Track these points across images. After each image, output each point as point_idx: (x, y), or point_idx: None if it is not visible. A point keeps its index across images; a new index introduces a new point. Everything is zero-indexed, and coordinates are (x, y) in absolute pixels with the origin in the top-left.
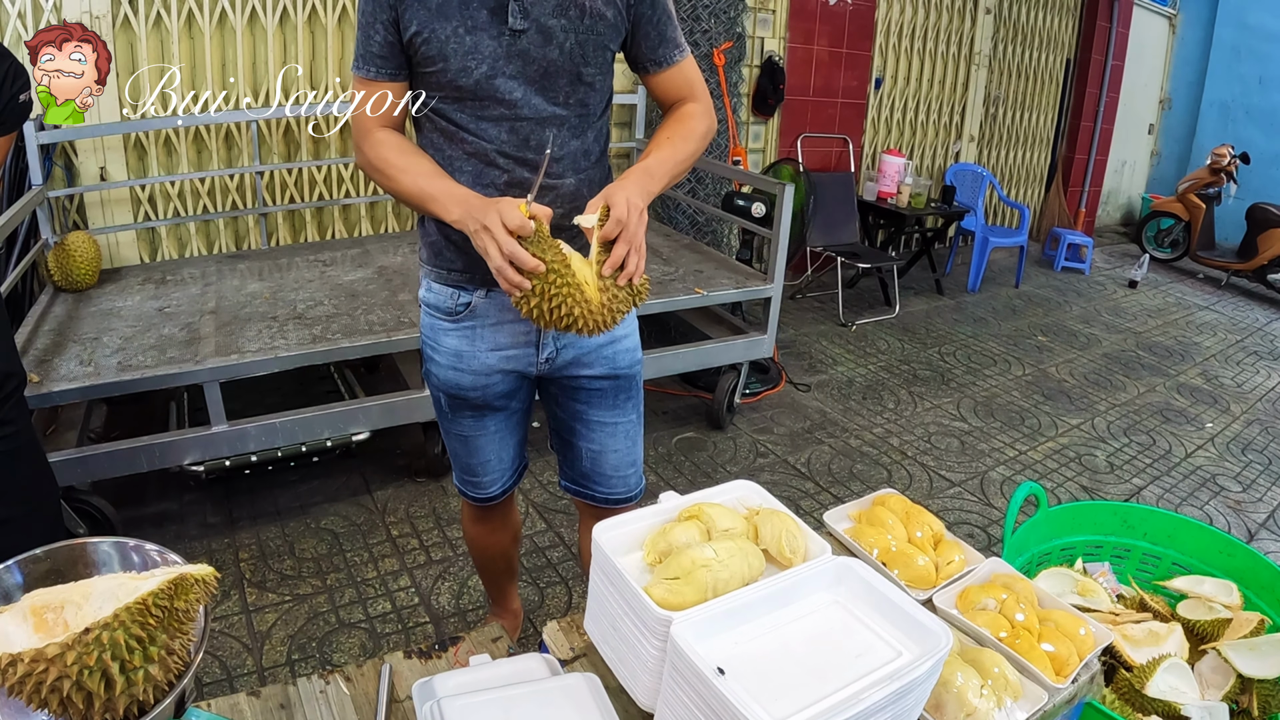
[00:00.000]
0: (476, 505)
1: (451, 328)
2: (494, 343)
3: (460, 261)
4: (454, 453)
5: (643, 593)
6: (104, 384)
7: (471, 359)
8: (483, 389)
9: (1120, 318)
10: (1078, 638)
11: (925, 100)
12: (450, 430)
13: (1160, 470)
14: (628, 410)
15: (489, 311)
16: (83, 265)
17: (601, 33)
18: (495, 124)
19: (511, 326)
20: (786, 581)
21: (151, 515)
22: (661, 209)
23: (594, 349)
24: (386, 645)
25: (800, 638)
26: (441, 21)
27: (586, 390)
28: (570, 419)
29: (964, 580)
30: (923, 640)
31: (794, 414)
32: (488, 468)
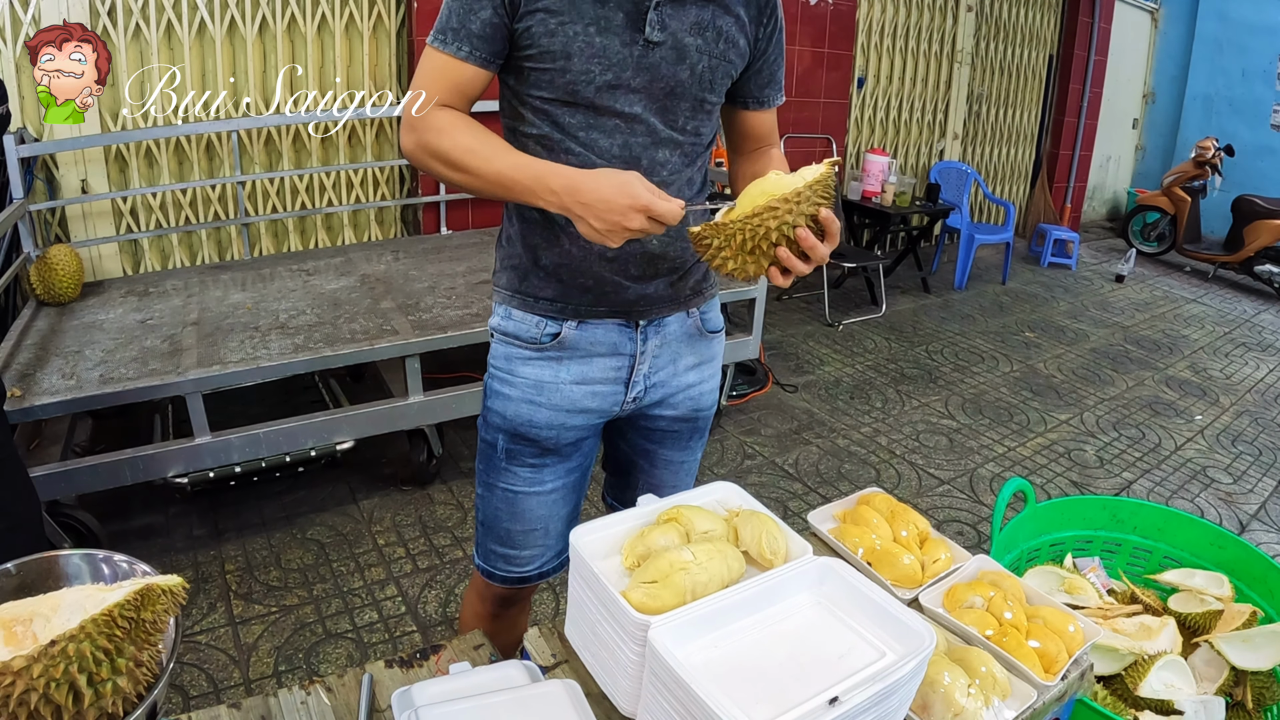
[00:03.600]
0: (502, 588)
1: (534, 356)
2: (581, 375)
3: (551, 289)
4: (491, 517)
5: (620, 597)
6: (86, 397)
7: (554, 391)
8: (558, 428)
9: (1108, 312)
10: (1066, 634)
11: (908, 99)
12: (495, 484)
13: (1150, 464)
14: (696, 449)
15: (579, 344)
16: (65, 278)
17: (732, 60)
18: (609, 137)
19: (603, 361)
20: (767, 583)
21: (137, 528)
22: None
23: (682, 389)
24: (373, 655)
25: (782, 640)
26: (573, 15)
27: (662, 431)
28: (635, 455)
29: (951, 578)
30: (907, 640)
31: (781, 415)
32: (532, 538)
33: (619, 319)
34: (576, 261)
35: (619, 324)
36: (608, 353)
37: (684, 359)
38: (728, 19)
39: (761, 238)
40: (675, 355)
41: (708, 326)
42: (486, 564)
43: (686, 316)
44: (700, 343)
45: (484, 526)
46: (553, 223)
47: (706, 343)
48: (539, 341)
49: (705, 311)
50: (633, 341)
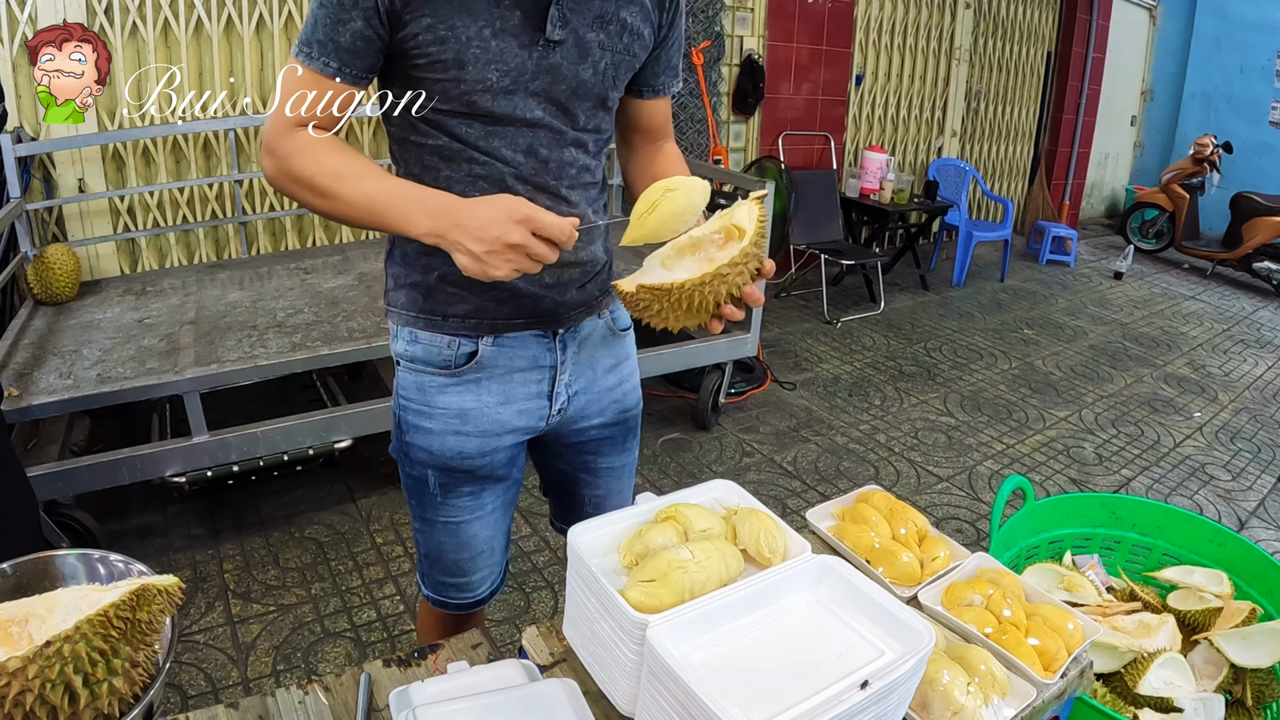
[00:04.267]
0: (456, 617)
1: (450, 383)
2: (504, 395)
3: (462, 304)
4: (436, 551)
5: (618, 596)
6: (83, 396)
7: (480, 417)
8: (491, 454)
9: (1106, 309)
10: (1066, 632)
11: (906, 96)
12: (434, 520)
13: (1149, 461)
14: (632, 449)
15: (498, 361)
16: (62, 278)
17: (635, 54)
18: (511, 144)
19: (524, 376)
20: (765, 582)
21: (135, 528)
22: None
23: (604, 392)
24: (372, 654)
25: (780, 639)
26: (465, 18)
27: (596, 440)
28: (575, 470)
29: (949, 576)
30: (905, 638)
31: (780, 413)
32: (479, 561)
33: (536, 330)
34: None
35: (536, 335)
36: (528, 367)
37: (601, 363)
38: (631, 8)
39: (709, 302)
40: (592, 360)
41: (619, 325)
42: (438, 595)
43: (598, 319)
44: (614, 343)
45: (429, 560)
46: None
47: (619, 342)
48: (453, 365)
49: (614, 311)
50: (552, 352)
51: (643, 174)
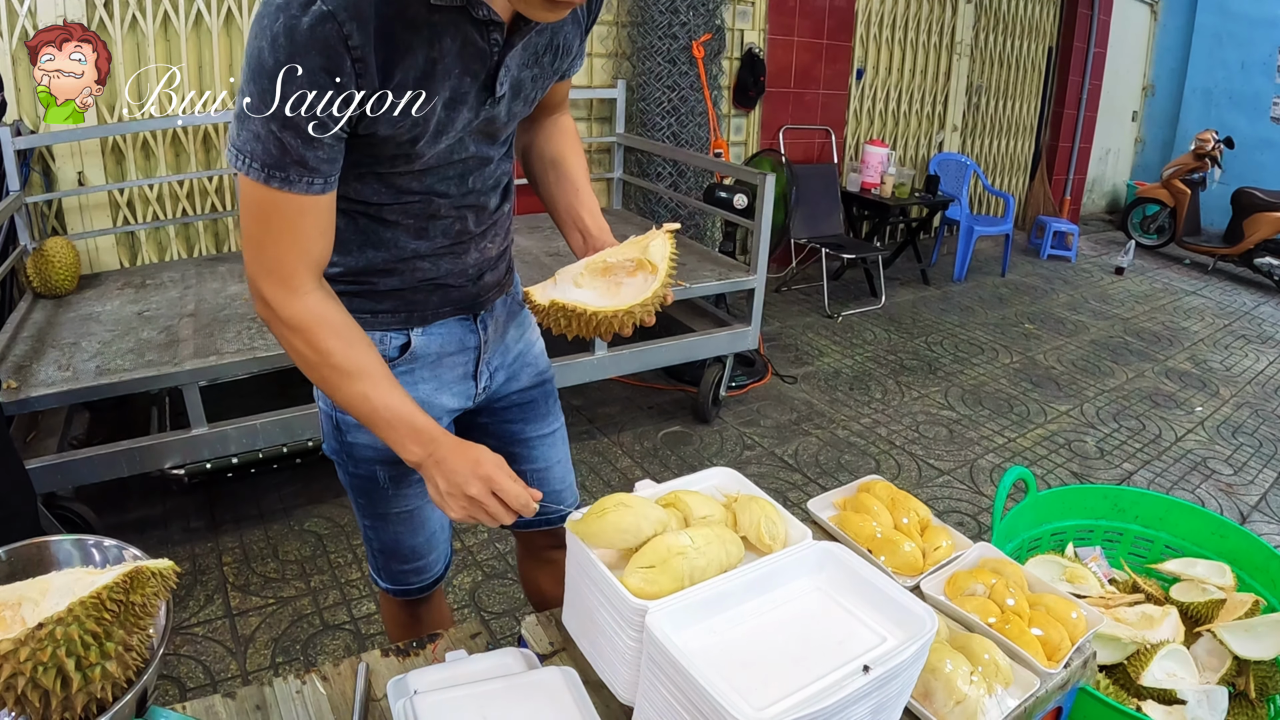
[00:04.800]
0: (413, 600)
1: None
2: (437, 380)
3: (389, 301)
4: (391, 542)
5: (617, 582)
6: (82, 389)
7: (420, 406)
8: None
9: (1107, 304)
10: (1069, 622)
11: (907, 90)
12: (388, 513)
13: (1150, 455)
14: (557, 414)
15: (429, 349)
16: (61, 271)
17: (564, 68)
18: (445, 180)
19: (452, 359)
20: (766, 568)
21: (134, 520)
22: (643, 202)
23: (516, 359)
24: (370, 646)
25: (781, 625)
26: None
27: (518, 406)
28: (507, 444)
29: (952, 566)
30: (907, 625)
31: (780, 406)
32: (434, 541)
33: (460, 315)
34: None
35: (460, 320)
36: (455, 350)
37: (509, 335)
38: (564, 27)
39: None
40: (502, 334)
41: (517, 300)
42: (395, 584)
43: (506, 297)
44: (517, 315)
45: (384, 554)
46: (393, 227)
47: (521, 314)
48: (388, 358)
49: (514, 289)
50: (475, 334)
51: (538, 151)
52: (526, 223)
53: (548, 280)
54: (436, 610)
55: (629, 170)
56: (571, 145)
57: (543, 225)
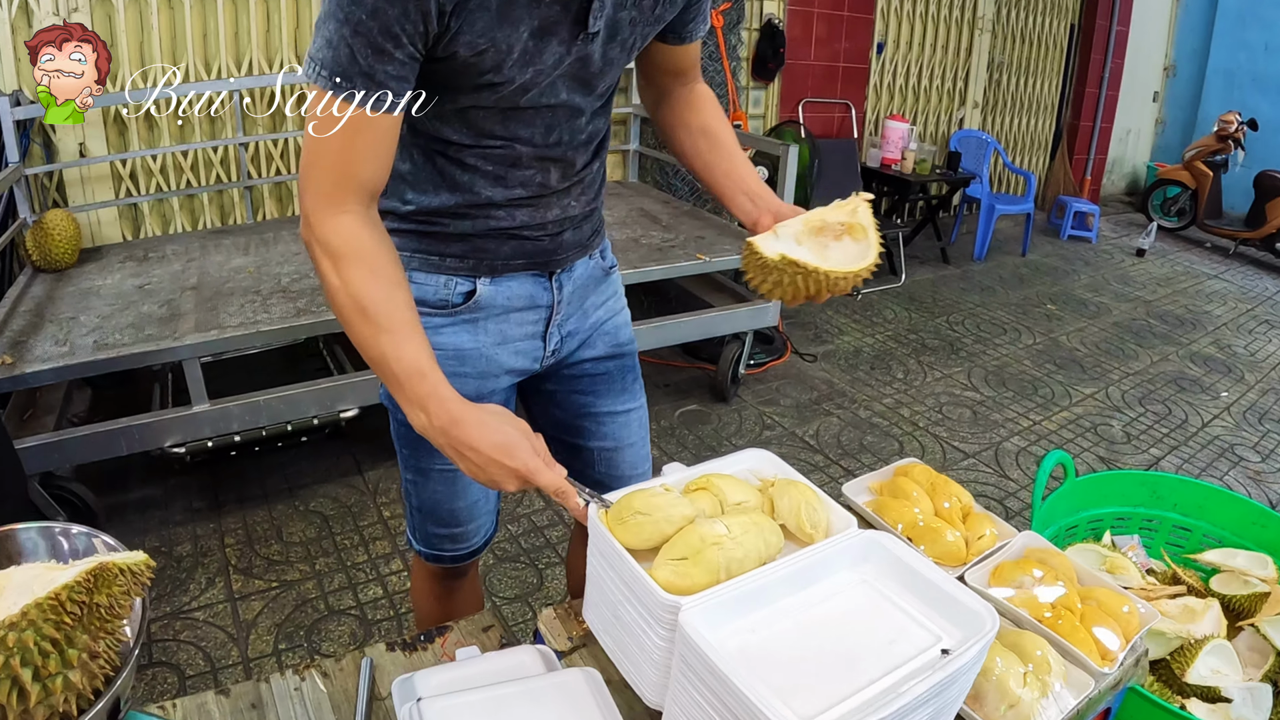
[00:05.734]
0: (449, 568)
1: (447, 323)
2: (500, 335)
3: (460, 245)
4: (430, 502)
5: (645, 575)
6: (79, 364)
7: (478, 358)
8: (488, 396)
9: (1129, 286)
10: (1122, 616)
11: (928, 66)
12: (430, 469)
13: (1178, 440)
14: (636, 394)
15: (495, 301)
16: (61, 244)
17: (665, 18)
18: (530, 126)
19: (520, 316)
20: (808, 559)
21: (135, 501)
22: (660, 175)
23: (594, 327)
24: (378, 633)
25: (825, 623)
26: (506, 28)
27: (590, 376)
28: (575, 417)
29: (997, 556)
30: (964, 622)
31: (800, 385)
32: (475, 510)
33: (534, 271)
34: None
35: (534, 276)
36: (525, 306)
37: (590, 300)
38: None
39: (824, 290)
40: (583, 299)
41: (606, 264)
42: (430, 548)
43: (589, 260)
44: (603, 282)
45: (421, 513)
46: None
47: (608, 280)
48: (450, 304)
49: (603, 250)
50: (548, 292)
51: (684, 121)
52: None
53: (767, 233)
54: (469, 589)
55: (645, 142)
56: (716, 113)
57: None
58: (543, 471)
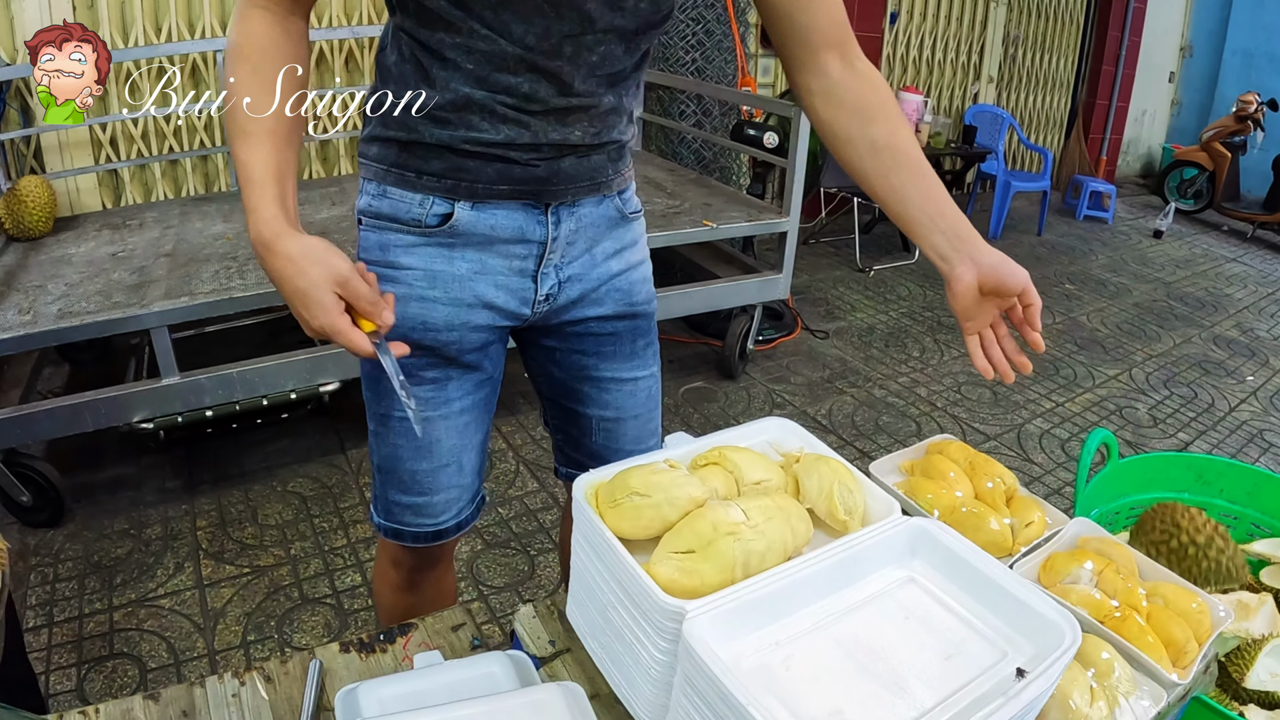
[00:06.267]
0: (414, 549)
1: (419, 242)
2: (479, 265)
3: (439, 162)
4: (391, 457)
5: (642, 572)
6: (39, 333)
7: (450, 282)
8: (459, 329)
9: (1148, 267)
10: (1192, 616)
11: (942, 38)
12: (389, 413)
13: (1205, 424)
14: (648, 360)
15: (475, 228)
16: (35, 212)
17: None
18: (524, 22)
19: (505, 249)
20: (844, 553)
21: (106, 480)
22: (665, 143)
23: (604, 278)
24: (354, 624)
25: (866, 633)
26: None
27: (596, 336)
28: (574, 380)
29: (1048, 546)
30: (1036, 633)
31: (812, 362)
32: (444, 476)
33: (525, 200)
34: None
35: (525, 206)
36: (512, 238)
37: (600, 245)
38: None
39: None
40: (591, 243)
41: (627, 209)
42: (391, 521)
43: (603, 199)
44: (620, 228)
45: (382, 473)
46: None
47: (626, 227)
48: (423, 224)
49: (624, 193)
50: (542, 226)
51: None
52: None
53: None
54: (438, 582)
55: (650, 109)
56: (894, 113)
57: None
58: (345, 334)
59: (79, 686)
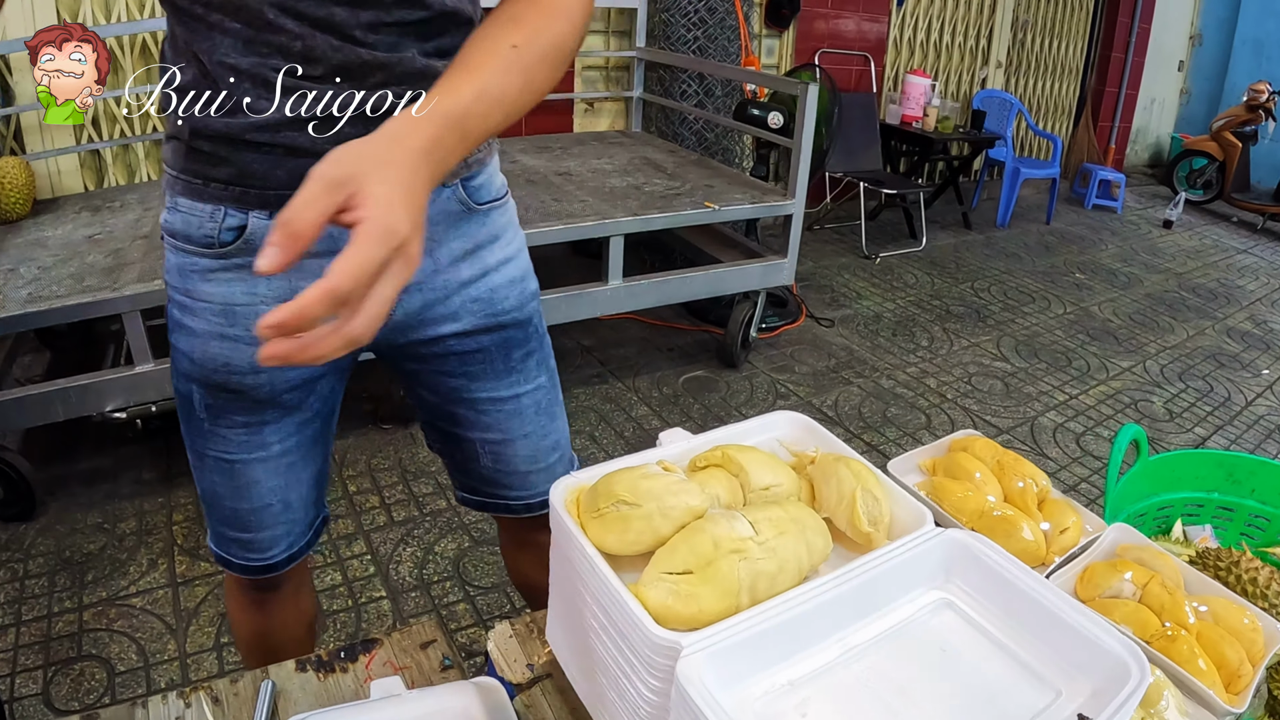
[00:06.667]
0: (249, 580)
1: (215, 267)
2: (288, 290)
3: (225, 168)
4: (210, 493)
5: (630, 597)
6: (6, 318)
7: (251, 319)
8: (269, 372)
9: (1158, 258)
10: (1244, 634)
11: (950, 22)
12: (205, 452)
13: (1222, 419)
14: (531, 372)
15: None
16: (13, 193)
17: None
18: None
19: (318, 263)
20: (869, 573)
21: (81, 472)
22: (665, 123)
23: (455, 288)
24: (334, 626)
25: (896, 671)
26: None
27: (458, 355)
28: (447, 403)
29: (1085, 556)
30: (1096, 668)
31: (817, 351)
32: (265, 517)
33: None
34: (252, 106)
35: None
36: (322, 251)
37: (445, 247)
38: None
39: None
40: (430, 245)
41: (476, 199)
42: (220, 549)
43: (441, 191)
44: (468, 223)
45: (206, 505)
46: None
47: (478, 221)
48: (217, 242)
49: (471, 180)
50: None
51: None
52: (534, 143)
53: None
54: (289, 601)
55: (650, 88)
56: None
57: (551, 145)
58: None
59: (45, 690)
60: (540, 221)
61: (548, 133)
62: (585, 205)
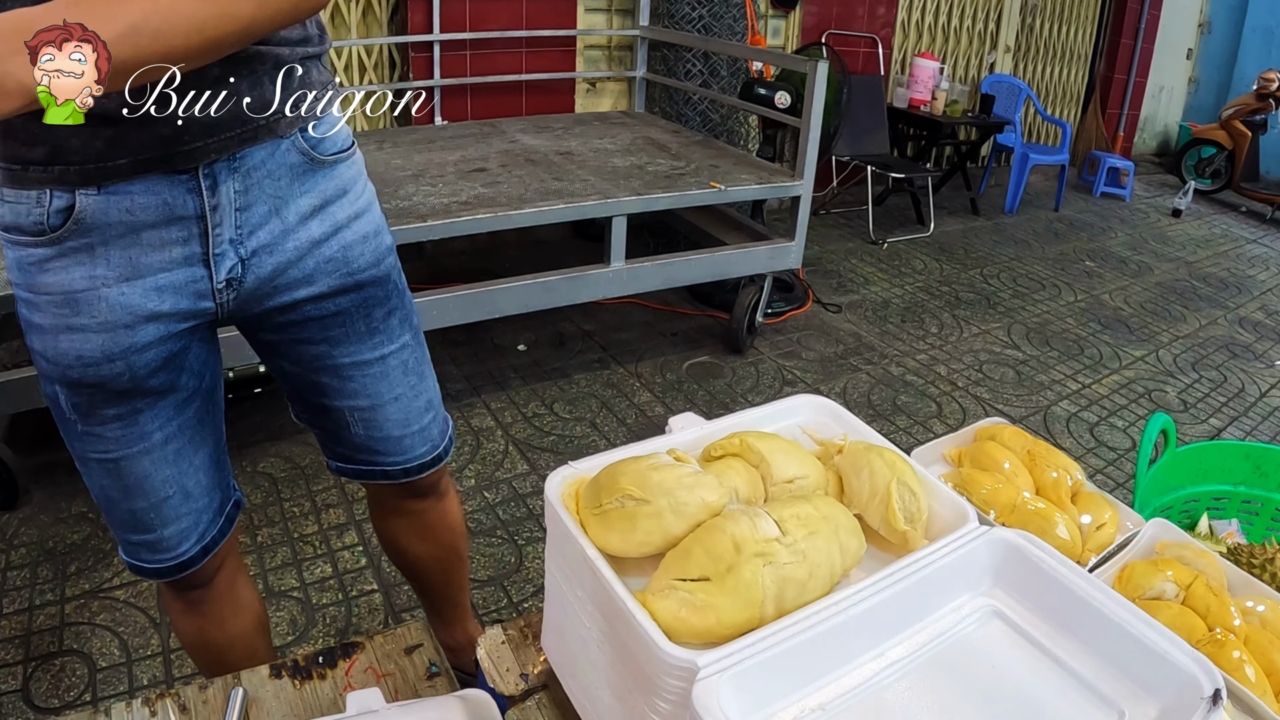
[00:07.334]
0: (172, 585)
1: (50, 255)
2: (129, 267)
3: (40, 148)
4: (103, 498)
5: (638, 607)
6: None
7: (95, 303)
8: (124, 356)
9: (1168, 246)
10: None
11: (959, 5)
12: (87, 455)
13: (1237, 410)
14: (394, 331)
15: (109, 218)
16: None
17: None
18: None
19: (155, 234)
20: (909, 578)
21: (67, 460)
22: (669, 104)
23: (305, 247)
24: (322, 621)
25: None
26: None
27: (318, 320)
28: (310, 372)
29: (1124, 555)
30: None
31: (824, 337)
32: (166, 511)
33: (161, 170)
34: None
35: (166, 176)
36: (160, 220)
37: (293, 204)
38: None
39: None
40: (276, 202)
41: (321, 150)
42: (132, 558)
43: (279, 142)
44: (314, 177)
45: (104, 511)
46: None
47: (325, 174)
48: (47, 227)
49: (312, 127)
50: (194, 195)
51: None
52: (535, 123)
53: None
54: (225, 596)
55: (653, 68)
56: None
57: (553, 125)
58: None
59: (24, 687)
60: (540, 200)
61: (549, 113)
62: (587, 184)
